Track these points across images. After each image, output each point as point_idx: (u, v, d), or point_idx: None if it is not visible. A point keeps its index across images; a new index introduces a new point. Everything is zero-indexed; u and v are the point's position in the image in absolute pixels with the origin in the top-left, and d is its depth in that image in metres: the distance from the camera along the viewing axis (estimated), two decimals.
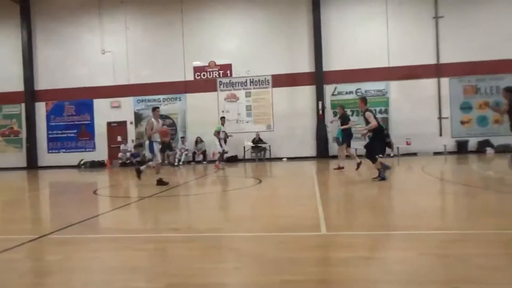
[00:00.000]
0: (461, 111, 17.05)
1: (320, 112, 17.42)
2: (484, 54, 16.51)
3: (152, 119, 9.22)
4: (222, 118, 14.37)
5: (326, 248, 3.82)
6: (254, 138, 17.46)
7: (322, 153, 17.16)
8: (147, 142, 9.31)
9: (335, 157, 16.88)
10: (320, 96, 17.47)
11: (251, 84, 18.25)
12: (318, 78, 17.48)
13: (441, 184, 8.71)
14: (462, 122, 17.07)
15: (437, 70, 16.99)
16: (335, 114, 17.55)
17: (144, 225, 5.55)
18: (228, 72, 18.34)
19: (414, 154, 16.63)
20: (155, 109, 9.44)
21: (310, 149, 17.40)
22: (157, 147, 9.19)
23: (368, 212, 5.61)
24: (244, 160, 17.68)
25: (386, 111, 17.33)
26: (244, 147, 17.65)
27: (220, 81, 18.41)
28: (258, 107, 18.16)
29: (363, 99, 9.01)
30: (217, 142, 13.80)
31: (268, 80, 18.06)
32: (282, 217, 5.34)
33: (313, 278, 2.96)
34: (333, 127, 17.26)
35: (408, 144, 16.64)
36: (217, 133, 13.70)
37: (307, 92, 17.63)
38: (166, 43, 18.59)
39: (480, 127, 16.89)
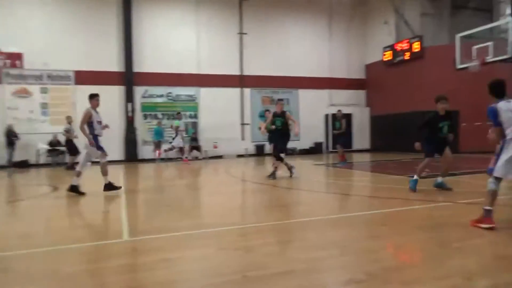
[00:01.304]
0: (260, 118, 19.31)
1: (130, 114, 16.77)
2: (279, 70, 19.22)
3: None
4: (178, 113, 15.65)
5: (129, 254, 3.67)
6: (52, 141, 15.35)
7: (131, 156, 16.56)
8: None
9: (145, 160, 16.62)
10: (129, 97, 16.83)
11: (49, 78, 16.04)
12: (128, 79, 16.81)
13: (241, 183, 9.61)
14: (260, 128, 19.33)
15: (240, 81, 18.79)
16: (145, 117, 17.29)
17: None
18: (19, 62, 15.62)
19: (221, 156, 17.89)
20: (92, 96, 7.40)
21: (117, 152, 16.41)
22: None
23: (173, 213, 5.68)
24: (37, 165, 15.26)
25: (195, 116, 18.07)
26: (38, 150, 15.30)
27: (7, 72, 15.49)
28: (56, 105, 16.04)
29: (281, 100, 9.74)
30: (177, 137, 15.04)
31: (69, 76, 16.24)
32: (81, 227, 4.87)
33: None
34: (143, 130, 16.95)
35: (215, 147, 17.77)
36: (176, 128, 14.91)
37: (115, 93, 16.67)
38: None
39: None
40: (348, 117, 13.17)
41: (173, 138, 15.51)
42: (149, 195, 7.74)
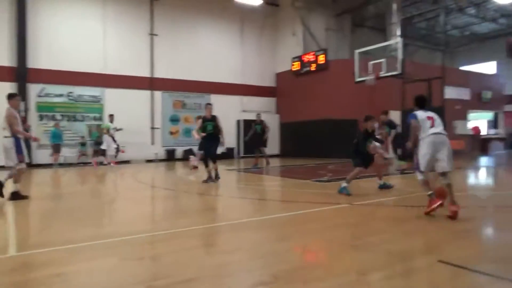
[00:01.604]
0: (171, 122, 18.85)
1: (23, 114, 15.05)
2: (190, 74, 18.99)
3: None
4: (111, 116, 14.96)
5: (17, 271, 3.24)
6: None
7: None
8: (11, 140, 6.64)
9: (40, 165, 15.07)
10: (22, 95, 15.09)
11: None
12: (21, 74, 15.10)
13: (150, 189, 9.23)
14: (171, 133, 18.89)
15: (151, 83, 18.14)
16: (41, 118, 15.71)
17: None
18: None
19: (128, 161, 17.02)
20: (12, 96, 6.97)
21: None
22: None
23: (72, 223, 5.20)
24: None
25: (100, 118, 16.91)
26: None
27: None
28: None
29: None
30: (109, 140, 14.61)
31: None
32: None
33: None
34: (38, 132, 15.35)
35: (122, 152, 16.82)
36: (106, 130, 14.54)
37: (5, 90, 14.80)
38: None
39: (185, 138, 19.17)
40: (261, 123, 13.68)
41: (101, 143, 15.13)
42: (44, 203, 6.99)
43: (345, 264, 3.28)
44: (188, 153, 18.77)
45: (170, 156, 18.34)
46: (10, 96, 6.95)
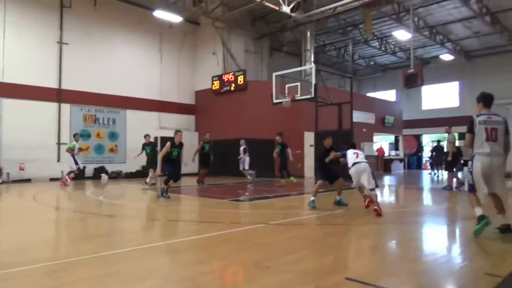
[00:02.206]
0: (81, 138, 17.51)
1: None
2: (104, 87, 17.98)
3: None
4: (76, 135, 14.61)
5: None
6: None
7: None
8: None
9: None
10: None
11: None
12: None
13: (52, 211, 8.39)
14: (81, 149, 17.54)
15: (58, 95, 16.76)
16: None
17: None
18: None
19: (28, 180, 15.37)
20: None
21: None
22: None
23: None
24: None
25: None
26: None
27: None
28: None
29: None
30: (71, 159, 13.96)
31: None
32: None
33: None
34: None
35: (21, 169, 15.20)
36: (70, 150, 13.96)
37: None
38: None
39: (97, 155, 17.98)
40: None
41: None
42: None
43: (259, 285, 3.27)
44: (99, 171, 17.61)
45: (79, 174, 16.96)
46: None
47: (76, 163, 14.13)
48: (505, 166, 5.05)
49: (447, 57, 24.63)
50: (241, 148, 14.64)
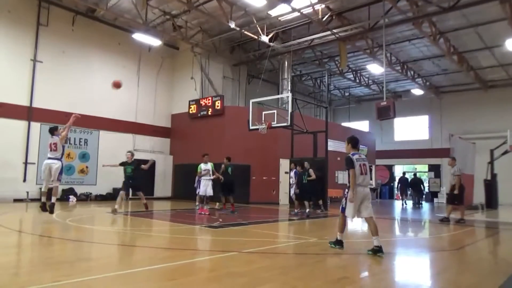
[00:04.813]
0: None
1: None
2: (77, 107, 17.50)
3: None
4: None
5: None
6: None
7: None
8: None
9: None
10: None
11: None
12: None
13: (15, 235, 7.94)
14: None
15: (29, 113, 16.26)
16: None
17: None
18: None
19: None
20: None
21: None
22: None
23: None
24: None
25: None
26: None
27: None
28: None
29: None
30: None
31: None
32: None
33: None
34: None
35: None
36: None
37: None
38: None
39: (66, 176, 17.35)
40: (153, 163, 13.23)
41: None
42: None
43: None
44: (67, 192, 16.97)
45: (47, 195, 16.25)
46: None
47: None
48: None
49: (417, 91, 25.67)
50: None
